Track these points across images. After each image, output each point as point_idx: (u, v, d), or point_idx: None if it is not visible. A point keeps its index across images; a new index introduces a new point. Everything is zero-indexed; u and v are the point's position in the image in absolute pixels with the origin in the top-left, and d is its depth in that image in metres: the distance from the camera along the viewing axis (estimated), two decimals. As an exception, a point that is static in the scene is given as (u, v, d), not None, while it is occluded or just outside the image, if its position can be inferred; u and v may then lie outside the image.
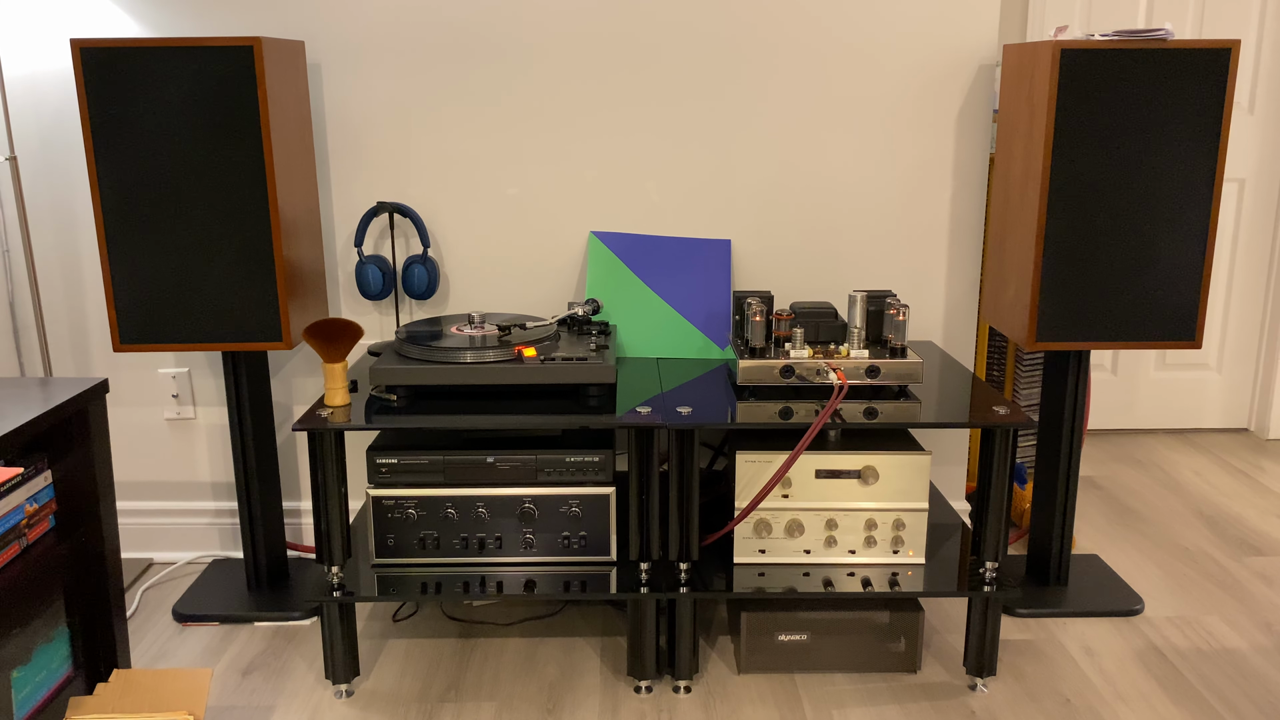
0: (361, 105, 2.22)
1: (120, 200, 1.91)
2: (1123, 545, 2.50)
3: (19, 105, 2.22)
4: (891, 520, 1.89)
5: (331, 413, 1.81)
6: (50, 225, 2.29)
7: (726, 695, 1.89)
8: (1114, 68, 1.87)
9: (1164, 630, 2.10)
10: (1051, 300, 1.98)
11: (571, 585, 1.84)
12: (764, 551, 1.91)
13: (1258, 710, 1.83)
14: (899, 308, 1.93)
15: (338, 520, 1.83)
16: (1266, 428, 3.25)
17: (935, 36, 2.21)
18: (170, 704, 1.63)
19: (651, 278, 2.24)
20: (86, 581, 1.75)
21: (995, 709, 1.84)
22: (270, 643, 2.08)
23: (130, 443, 2.42)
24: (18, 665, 1.58)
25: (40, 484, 1.64)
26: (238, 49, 1.85)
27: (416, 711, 1.85)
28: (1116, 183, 1.93)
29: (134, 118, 1.87)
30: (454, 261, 2.31)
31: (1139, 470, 3.00)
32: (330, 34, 2.19)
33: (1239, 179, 3.15)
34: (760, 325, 1.92)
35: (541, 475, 1.87)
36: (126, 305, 1.95)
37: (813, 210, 2.30)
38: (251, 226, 1.92)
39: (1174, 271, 1.97)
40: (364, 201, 2.27)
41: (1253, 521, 2.64)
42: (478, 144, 2.25)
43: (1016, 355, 2.62)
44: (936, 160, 2.27)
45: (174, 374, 2.36)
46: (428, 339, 1.95)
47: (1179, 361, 3.28)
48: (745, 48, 2.21)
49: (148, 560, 2.44)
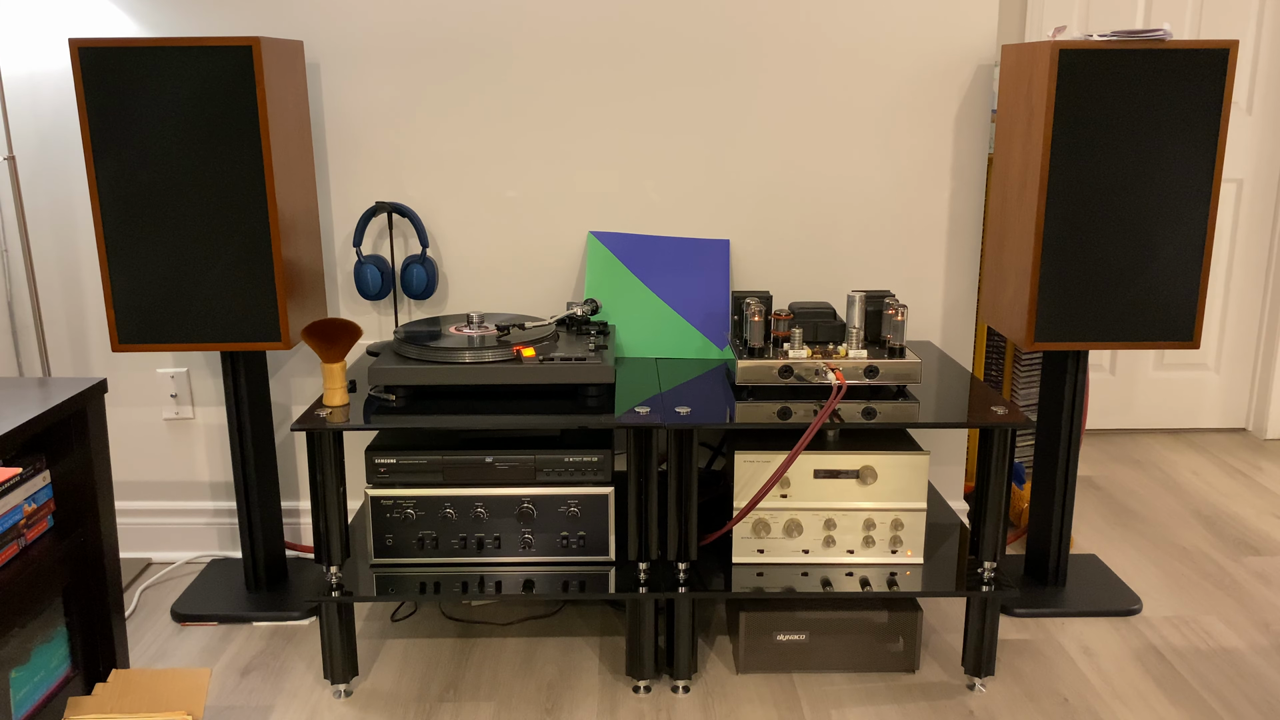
0: (360, 105, 2.22)
1: (119, 200, 1.91)
2: (1121, 545, 2.50)
3: (17, 105, 2.22)
4: (890, 520, 1.89)
5: (330, 413, 1.81)
6: (49, 225, 2.29)
7: (725, 695, 1.89)
8: (1112, 68, 1.88)
9: (1162, 630, 2.10)
10: (1050, 300, 1.98)
11: (570, 585, 1.84)
12: (762, 551, 1.91)
13: (1255, 710, 1.83)
14: (897, 308, 1.93)
15: (336, 520, 1.83)
16: (1264, 428, 3.25)
17: (934, 37, 2.21)
18: (169, 704, 1.63)
19: (650, 278, 2.24)
20: (85, 581, 1.75)
21: (993, 709, 1.84)
22: (269, 642, 2.08)
23: (129, 443, 2.42)
24: (16, 665, 1.58)
25: (39, 484, 1.64)
26: (236, 49, 1.85)
27: (415, 711, 1.85)
28: (1115, 183, 1.93)
29: (133, 118, 1.87)
30: (453, 261, 2.31)
31: (1137, 470, 3.00)
32: (329, 34, 2.19)
33: (1237, 179, 3.15)
34: (759, 325, 1.92)
35: (540, 475, 1.87)
36: (125, 305, 1.95)
37: (811, 210, 2.30)
38: (250, 226, 1.92)
39: (1172, 272, 1.97)
40: (362, 201, 2.27)
41: (1251, 521, 2.64)
42: (476, 144, 2.25)
43: (1015, 355, 2.62)
44: (935, 160, 2.28)
45: (173, 374, 2.36)
46: (426, 339, 1.95)
47: (1177, 361, 3.28)
48: (744, 48, 2.21)
49: (146, 560, 2.44)
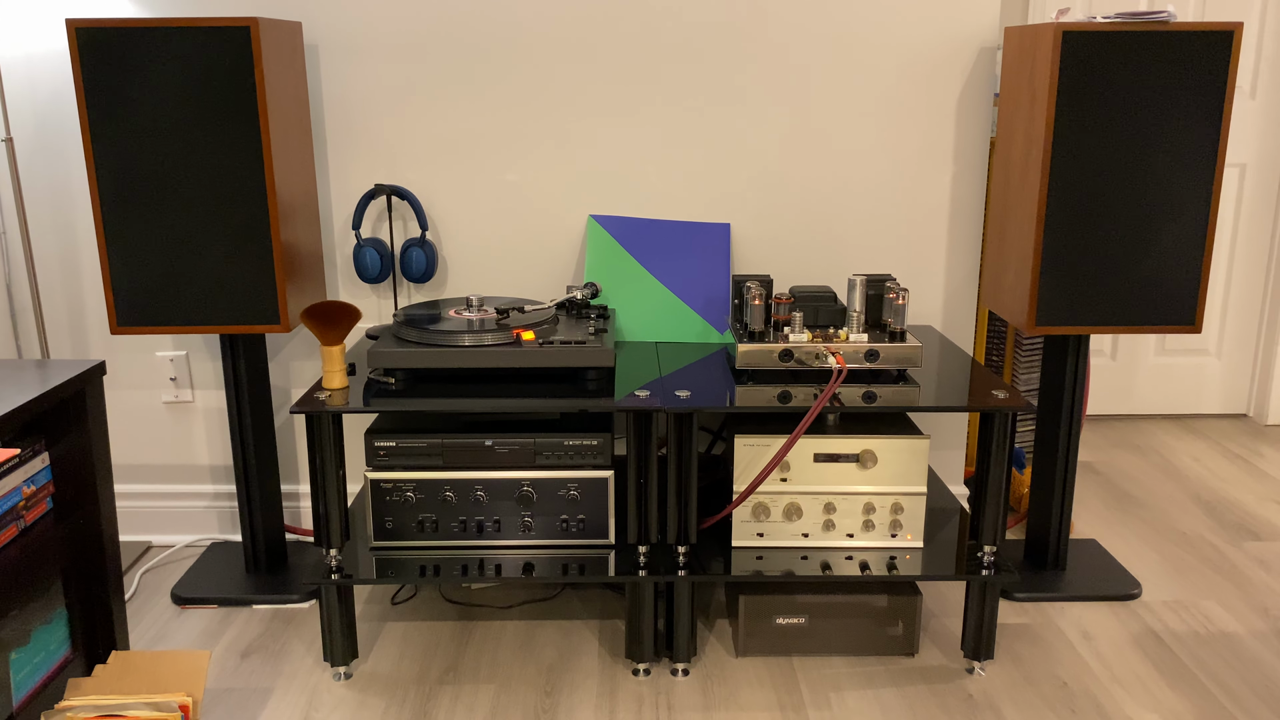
0: (359, 87, 2.21)
1: (117, 182, 1.90)
2: (1121, 530, 2.50)
3: (15, 86, 2.21)
4: (890, 504, 1.89)
5: (330, 395, 1.81)
6: (47, 207, 2.28)
7: (724, 678, 1.89)
8: (1116, 50, 1.86)
9: (1161, 615, 2.11)
10: (1051, 284, 1.98)
11: (570, 568, 1.84)
12: (762, 535, 1.91)
13: (1253, 694, 1.83)
14: (898, 292, 1.92)
15: (336, 503, 1.83)
16: (1265, 413, 3.25)
17: (936, 19, 2.20)
18: (169, 685, 1.64)
19: (650, 261, 2.23)
20: (85, 563, 1.75)
21: (992, 692, 1.85)
22: (269, 625, 2.08)
23: (128, 426, 2.41)
24: (16, 647, 1.58)
25: (38, 466, 1.64)
26: (235, 29, 1.83)
27: (415, 693, 1.85)
28: (1117, 167, 1.92)
29: (131, 99, 1.86)
30: (452, 245, 2.30)
31: (1137, 455, 3.00)
32: (328, 15, 2.17)
33: (1240, 164, 3.14)
34: (759, 309, 1.91)
35: (540, 458, 1.87)
36: (124, 288, 1.95)
37: (812, 194, 2.29)
38: (249, 208, 1.92)
39: (1174, 256, 1.96)
40: (362, 184, 2.27)
41: (1250, 507, 2.64)
42: (476, 126, 2.24)
43: (1016, 339, 2.62)
44: (937, 144, 2.26)
45: (172, 357, 2.36)
46: (426, 322, 1.95)
47: (1178, 346, 3.27)
48: (745, 30, 2.19)
49: (146, 543, 2.44)
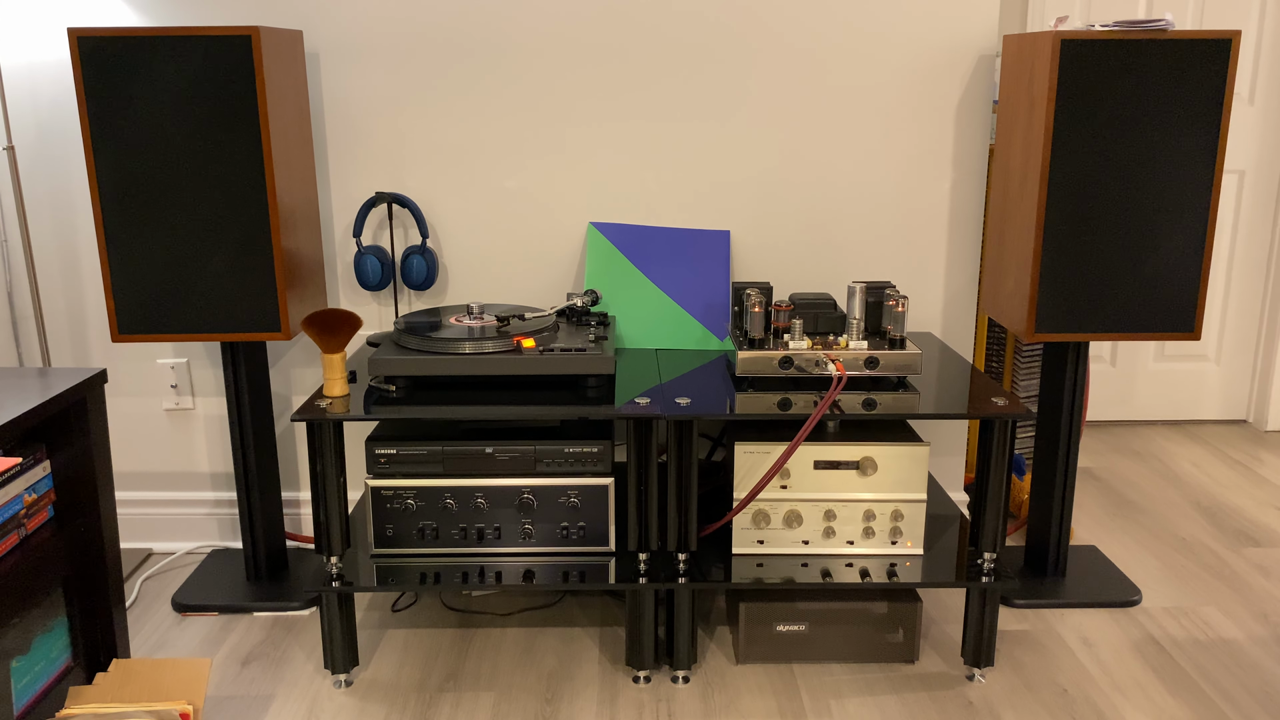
0: (360, 95, 2.22)
1: (118, 190, 1.90)
2: (1121, 536, 2.50)
3: (16, 94, 2.22)
4: (890, 511, 1.89)
5: (330, 403, 1.81)
6: (48, 215, 2.28)
7: (725, 685, 1.89)
8: (1115, 58, 1.87)
9: (1161, 621, 2.11)
10: (1051, 292, 1.98)
11: (570, 576, 1.84)
12: (762, 542, 1.91)
13: (1254, 700, 1.83)
14: (898, 299, 1.93)
15: (336, 510, 1.83)
16: (1265, 419, 3.25)
17: (935, 27, 2.20)
18: (170, 693, 1.64)
19: (650, 269, 2.23)
20: (85, 571, 1.75)
21: (993, 699, 1.85)
22: (269, 633, 2.08)
23: (129, 433, 2.42)
24: (17, 655, 1.58)
25: (39, 474, 1.64)
26: (236, 38, 1.84)
27: (415, 701, 1.85)
28: (1116, 174, 1.93)
29: (132, 107, 1.87)
30: (453, 252, 2.30)
31: (1137, 462, 3.00)
32: (329, 24, 2.18)
33: (1239, 170, 3.14)
34: (759, 316, 1.92)
35: (540, 466, 1.87)
36: (125, 296, 1.95)
37: (812, 201, 2.29)
38: (250, 216, 1.92)
39: (1173, 263, 1.97)
40: (362, 192, 2.27)
41: (1250, 513, 2.64)
42: (477, 134, 2.24)
43: (1015, 346, 2.62)
44: (936, 151, 2.27)
45: (173, 364, 2.36)
46: (426, 330, 1.95)
47: (1178, 352, 3.28)
48: (745, 37, 2.20)
49: (147, 550, 2.44)
